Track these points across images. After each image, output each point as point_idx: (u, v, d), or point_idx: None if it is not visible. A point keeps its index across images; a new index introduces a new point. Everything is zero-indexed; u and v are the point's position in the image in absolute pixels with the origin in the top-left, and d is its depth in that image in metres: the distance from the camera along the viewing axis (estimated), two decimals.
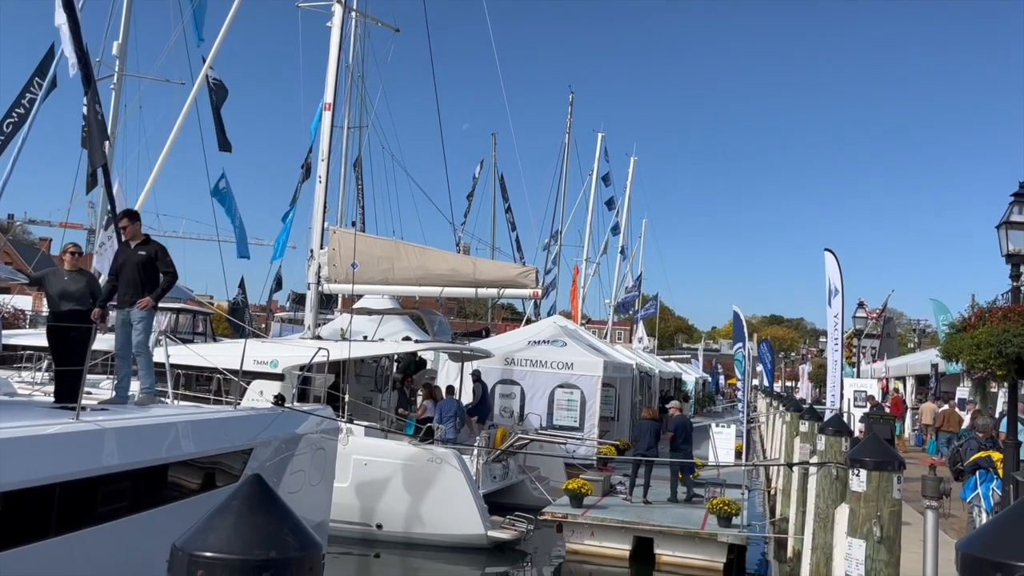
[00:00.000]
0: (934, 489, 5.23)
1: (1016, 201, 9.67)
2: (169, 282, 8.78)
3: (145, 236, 8.94)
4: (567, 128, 38.89)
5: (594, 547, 13.44)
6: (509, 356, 20.75)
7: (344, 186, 27.83)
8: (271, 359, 14.23)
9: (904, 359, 41.61)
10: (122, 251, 8.86)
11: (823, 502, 8.89)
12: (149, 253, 8.65)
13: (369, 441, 13.86)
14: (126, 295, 8.56)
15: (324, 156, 16.95)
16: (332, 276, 16.82)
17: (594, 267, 42.09)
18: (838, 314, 21.75)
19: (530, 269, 17.88)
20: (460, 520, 13.37)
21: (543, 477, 16.93)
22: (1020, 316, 8.69)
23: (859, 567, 5.95)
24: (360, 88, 23.50)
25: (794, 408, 19.49)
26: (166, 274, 8.71)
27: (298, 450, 9.08)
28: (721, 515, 13.02)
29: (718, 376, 73.31)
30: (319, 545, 2.21)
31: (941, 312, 30.13)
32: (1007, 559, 1.97)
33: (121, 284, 8.62)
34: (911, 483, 7.31)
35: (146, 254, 8.63)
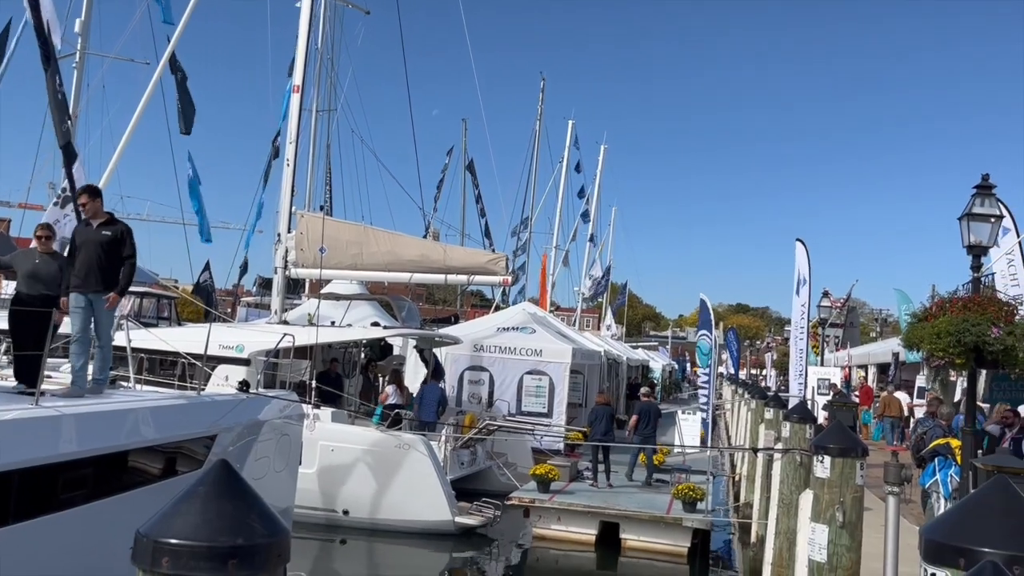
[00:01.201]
0: (896, 475, 5.33)
1: (978, 194, 9.83)
2: (131, 271, 8.10)
3: (108, 215, 8.23)
4: (538, 115, 38.87)
5: (561, 532, 13.53)
6: (478, 343, 20.74)
7: (313, 170, 27.55)
8: (237, 344, 14.07)
9: (866, 348, 42.31)
10: (82, 230, 8.14)
11: (787, 488, 9.02)
12: (114, 234, 7.95)
13: (336, 427, 13.79)
14: (87, 278, 7.86)
15: (292, 139, 16.74)
16: (300, 260, 16.66)
17: (563, 254, 42.20)
18: (805, 303, 22.07)
19: (500, 256, 17.86)
20: (427, 506, 13.37)
21: (511, 463, 16.97)
22: (979, 306, 8.86)
23: (822, 551, 6.05)
24: (330, 71, 23.24)
25: (759, 396, 19.74)
26: (128, 258, 8.04)
27: (262, 436, 9.00)
28: (686, 500, 13.17)
29: (685, 363, 74.00)
30: (286, 531, 2.18)
31: (904, 302, 30.63)
32: (970, 544, 2.01)
33: (80, 266, 7.89)
34: (872, 469, 7.43)
35: (111, 235, 7.93)
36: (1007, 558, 1.92)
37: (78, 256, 7.94)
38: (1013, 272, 15.29)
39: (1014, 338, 8.55)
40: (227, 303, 35.69)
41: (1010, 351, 8.57)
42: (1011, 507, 2.10)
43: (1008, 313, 8.87)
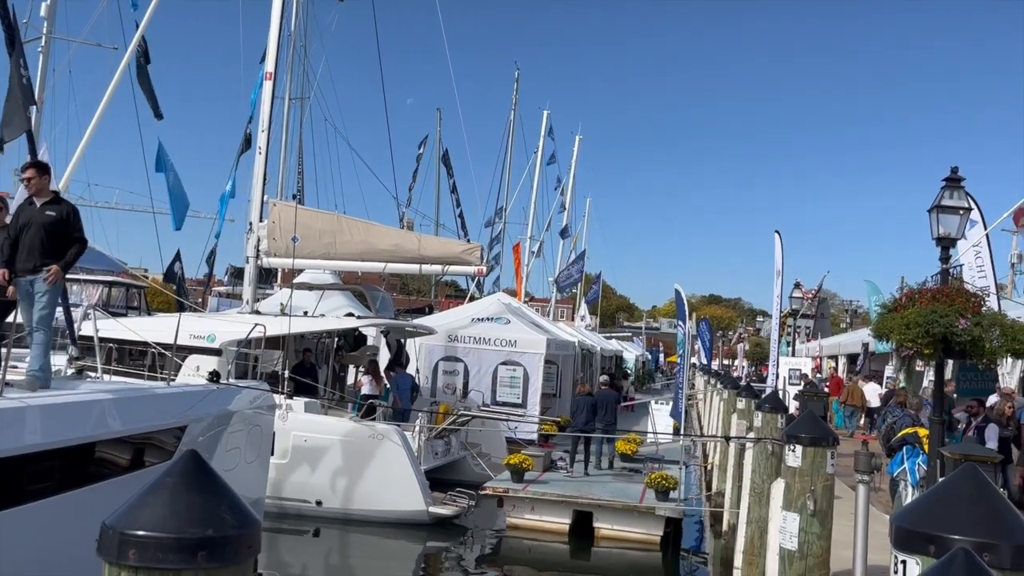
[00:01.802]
0: (866, 464, 5.39)
1: (947, 186, 9.95)
2: (79, 250, 7.55)
3: (54, 193, 7.69)
4: (513, 105, 38.78)
5: (534, 521, 13.57)
6: (452, 333, 20.70)
7: (285, 158, 27.30)
8: (208, 333, 13.92)
9: (837, 338, 42.85)
10: (25, 209, 7.52)
11: (759, 477, 9.09)
12: (59, 214, 7.40)
13: (308, 417, 13.70)
14: (29, 261, 7.33)
15: (264, 127, 16.55)
16: (272, 250, 16.49)
17: (538, 245, 42.19)
18: (778, 294, 22.30)
19: (475, 246, 17.80)
20: (401, 496, 13.35)
21: (485, 453, 16.99)
22: (948, 297, 8.97)
23: (792, 540, 6.12)
24: (303, 59, 22.99)
25: (731, 386, 19.89)
26: (77, 241, 7.50)
27: (233, 427, 8.91)
28: (659, 489, 13.26)
29: (658, 354, 74.45)
30: (257, 522, 2.15)
31: (874, 293, 31.06)
32: (940, 532, 2.03)
33: (22, 248, 7.34)
34: (842, 459, 7.51)
35: (55, 215, 7.37)
36: (977, 544, 1.94)
37: (22, 238, 7.40)
38: (980, 264, 15.54)
39: (981, 329, 8.67)
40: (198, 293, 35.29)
41: (977, 342, 8.69)
42: (980, 494, 2.12)
43: (975, 304, 8.99)
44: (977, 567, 1.40)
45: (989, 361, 9.76)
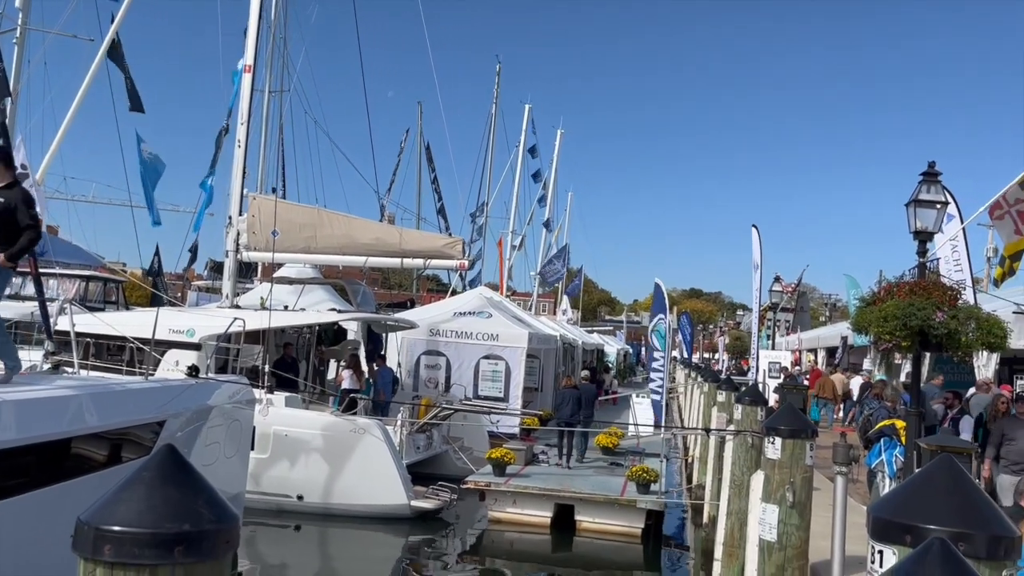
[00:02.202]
0: (844, 456, 5.44)
1: (924, 180, 10.03)
2: (31, 238, 7.26)
3: (11, 179, 7.40)
4: (494, 98, 38.65)
5: (516, 515, 13.59)
6: (434, 327, 20.66)
7: (265, 152, 27.10)
8: (187, 328, 13.82)
9: (816, 332, 43.17)
10: None
11: (738, 469, 9.16)
12: (9, 201, 7.15)
13: (289, 412, 13.63)
14: None
15: (243, 120, 16.40)
16: (252, 244, 16.37)
17: (520, 239, 42.18)
18: (757, 288, 22.43)
19: (456, 240, 17.77)
20: (383, 490, 13.32)
21: (467, 447, 16.99)
22: (925, 291, 9.06)
23: (772, 531, 6.16)
24: (282, 51, 22.81)
25: (712, 379, 20.00)
26: (28, 228, 7.19)
27: (212, 421, 8.85)
28: (640, 482, 13.31)
29: (640, 348, 74.71)
30: (235, 517, 2.13)
31: (853, 287, 31.31)
32: (916, 522, 2.05)
33: None
34: (820, 450, 7.58)
35: (5, 201, 7.14)
36: (953, 534, 1.96)
37: None
38: (957, 258, 15.69)
39: (957, 322, 8.77)
40: (177, 287, 35.02)
41: (953, 335, 8.79)
42: (956, 485, 2.14)
43: (952, 297, 9.09)
44: (952, 556, 1.41)
45: (965, 354, 9.88)
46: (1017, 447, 10.11)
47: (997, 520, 2.10)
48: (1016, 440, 10.15)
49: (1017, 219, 13.22)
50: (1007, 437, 10.26)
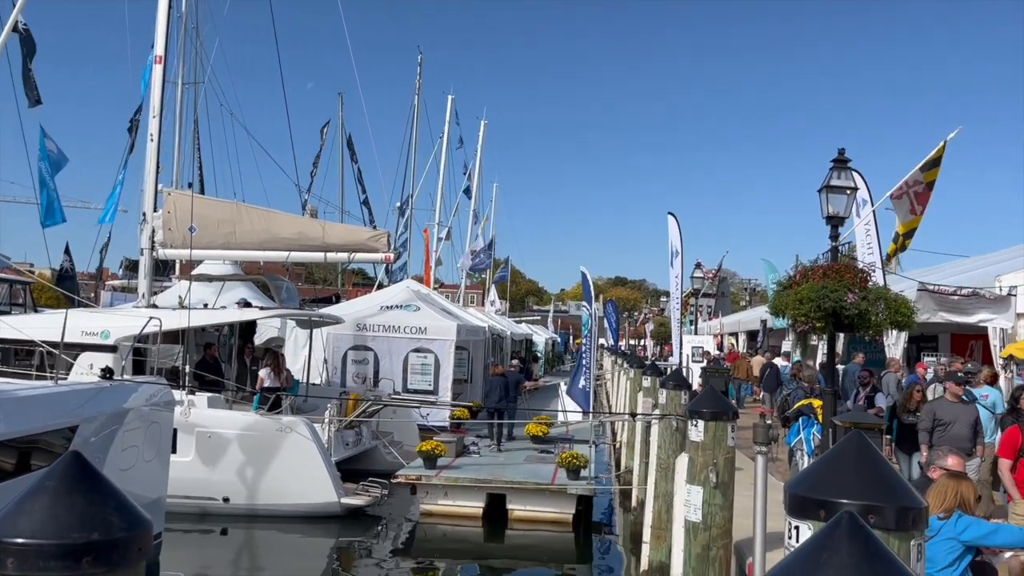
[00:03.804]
0: (763, 435, 5.58)
1: (835, 167, 10.37)
2: None
3: None
4: (416, 90, 38.27)
5: (448, 507, 13.57)
6: (361, 322, 20.41)
7: (180, 145, 26.27)
8: (102, 329, 13.31)
9: (737, 316, 44.33)
10: None
11: (664, 452, 9.34)
12: None
13: (212, 412, 13.29)
14: None
15: (155, 112, 15.83)
16: (167, 241, 15.85)
17: (446, 231, 41.96)
18: (679, 275, 22.86)
19: (381, 233, 17.54)
20: (311, 489, 13.12)
21: (397, 441, 16.86)
22: (837, 273, 9.38)
23: (697, 512, 6.30)
24: (194, 41, 22.11)
25: (637, 365, 20.32)
26: None
27: (129, 425, 8.55)
28: (570, 468, 13.45)
29: (567, 336, 75.49)
30: (148, 523, 2.05)
31: (771, 271, 32.21)
32: (829, 497, 2.11)
33: None
34: (742, 431, 7.78)
35: None
36: (863, 507, 2.03)
37: None
38: (869, 242, 16.33)
39: (867, 303, 9.11)
40: (90, 287, 33.69)
41: (864, 315, 9.12)
42: (865, 460, 2.22)
43: (862, 279, 9.43)
44: (860, 529, 1.45)
45: (875, 333, 10.27)
46: (951, 433, 9.46)
47: (905, 492, 2.18)
48: (949, 425, 9.54)
49: (913, 199, 13.84)
50: (939, 421, 9.60)
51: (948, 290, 14.01)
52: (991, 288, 13.84)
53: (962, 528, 5.07)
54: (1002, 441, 7.80)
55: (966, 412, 9.69)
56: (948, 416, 9.57)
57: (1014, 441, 7.50)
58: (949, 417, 9.56)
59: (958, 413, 9.60)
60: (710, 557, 6.25)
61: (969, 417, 9.62)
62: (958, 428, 9.47)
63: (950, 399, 9.84)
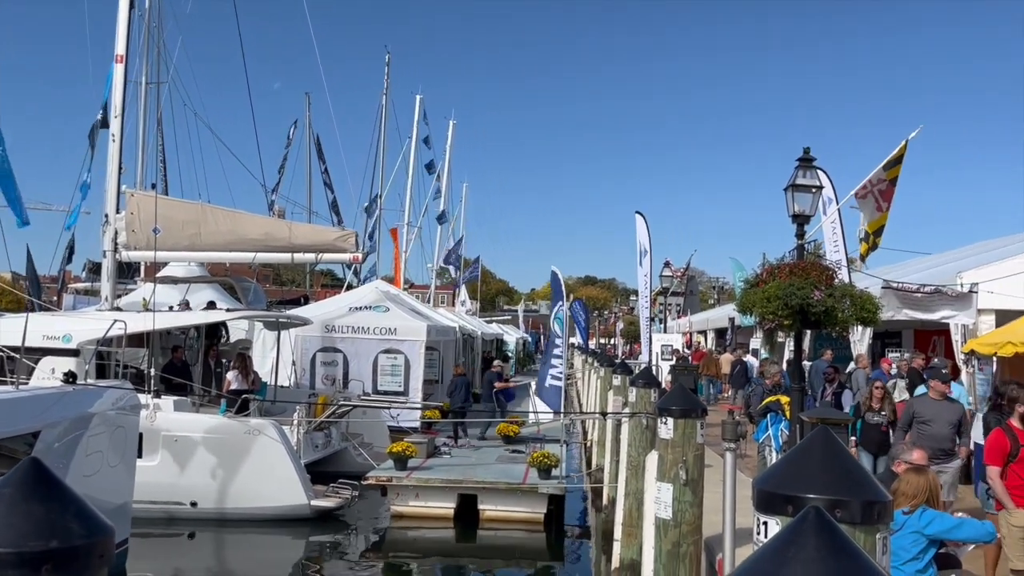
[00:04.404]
0: (732, 432, 5.63)
1: (800, 166, 10.48)
2: None
3: None
4: (384, 90, 38.09)
5: (419, 508, 13.52)
6: (329, 323, 20.26)
7: (144, 146, 25.89)
8: (64, 333, 13.08)
9: (705, 314, 44.72)
10: None
11: (634, 450, 9.37)
12: None
13: (179, 415, 13.11)
14: None
15: (117, 112, 15.59)
16: (131, 243, 15.61)
17: (415, 231, 41.83)
18: (648, 273, 22.98)
19: (349, 233, 17.44)
20: (281, 491, 13.00)
21: (367, 443, 16.76)
22: (804, 271, 9.48)
23: (667, 509, 6.33)
24: (157, 40, 21.80)
25: (607, 364, 20.40)
26: None
27: (93, 429, 8.40)
28: (541, 468, 13.47)
29: (538, 336, 75.53)
30: (109, 529, 2.01)
31: (738, 269, 32.49)
32: (796, 492, 2.12)
33: None
34: (711, 428, 7.83)
35: None
36: (829, 502, 2.04)
37: None
38: (835, 240, 16.54)
39: (834, 300, 9.22)
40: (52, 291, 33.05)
41: (831, 312, 9.22)
42: (831, 455, 2.23)
43: (828, 277, 9.54)
44: (826, 523, 1.46)
45: (842, 329, 10.40)
46: (932, 431, 9.07)
47: (870, 486, 2.20)
48: (930, 423, 9.11)
49: (879, 197, 14.04)
50: (919, 419, 9.21)
51: (912, 287, 14.23)
52: (953, 286, 14.09)
53: (926, 522, 5.15)
54: (987, 447, 7.15)
55: (949, 411, 9.27)
56: (929, 414, 9.18)
57: (1000, 445, 6.92)
58: (930, 415, 9.17)
59: (940, 411, 9.19)
60: (680, 554, 6.28)
61: (952, 416, 9.22)
62: (938, 427, 9.08)
63: (934, 396, 9.45)
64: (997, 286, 13.56)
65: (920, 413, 9.19)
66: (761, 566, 1.42)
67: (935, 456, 8.56)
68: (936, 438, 8.91)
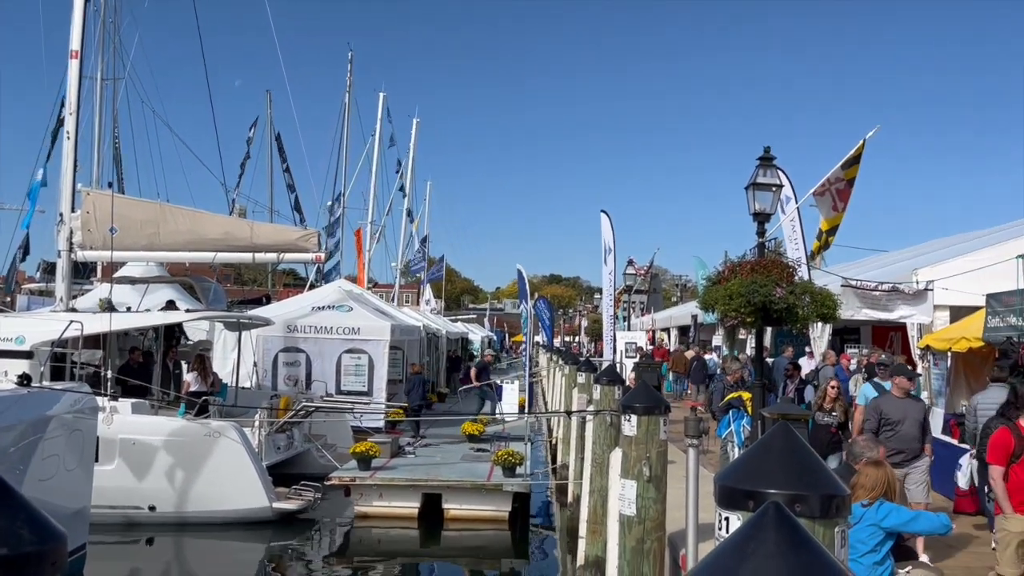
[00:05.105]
0: (694, 428, 5.66)
1: (761, 165, 10.61)
2: None
3: None
4: (347, 87, 37.78)
5: (383, 508, 13.44)
6: (292, 323, 20.05)
7: (100, 144, 25.39)
8: (17, 335, 12.77)
9: (668, 312, 45.08)
10: None
11: (599, 447, 9.41)
12: None
13: (137, 418, 12.87)
14: None
15: (72, 110, 15.25)
16: (87, 242, 15.29)
17: (379, 230, 41.55)
18: (612, 271, 23.11)
19: (312, 232, 17.27)
20: (242, 494, 12.83)
21: (330, 444, 16.62)
22: (765, 269, 9.59)
23: (631, 506, 6.36)
24: (113, 35, 21.38)
25: (572, 362, 20.47)
26: None
27: (50, 433, 8.22)
28: (506, 466, 13.47)
29: (503, 335, 75.58)
30: (62, 536, 1.95)
31: (701, 267, 32.79)
32: (756, 487, 2.14)
33: None
34: (675, 424, 7.89)
35: None
36: (788, 497, 2.06)
37: None
38: (795, 237, 16.77)
39: (794, 297, 9.34)
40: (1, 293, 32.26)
41: (792, 309, 9.35)
42: (791, 450, 2.25)
43: (789, 274, 9.67)
44: (786, 518, 1.47)
45: (802, 326, 10.54)
46: (900, 432, 8.51)
47: (828, 481, 2.23)
48: (899, 423, 8.54)
49: (836, 196, 14.27)
50: (887, 420, 8.59)
51: (870, 285, 14.48)
52: (909, 283, 14.37)
53: (883, 515, 5.24)
54: (992, 445, 6.59)
55: (915, 409, 8.77)
56: (896, 414, 8.56)
57: (1006, 444, 6.42)
58: (898, 415, 8.55)
59: (907, 410, 8.63)
60: (644, 550, 6.31)
61: (919, 414, 8.73)
62: (907, 427, 8.53)
63: (897, 395, 8.85)
64: (951, 283, 13.86)
65: (888, 414, 8.59)
66: (722, 561, 1.43)
67: (905, 458, 8.37)
68: (906, 439, 8.51)
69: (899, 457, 8.30)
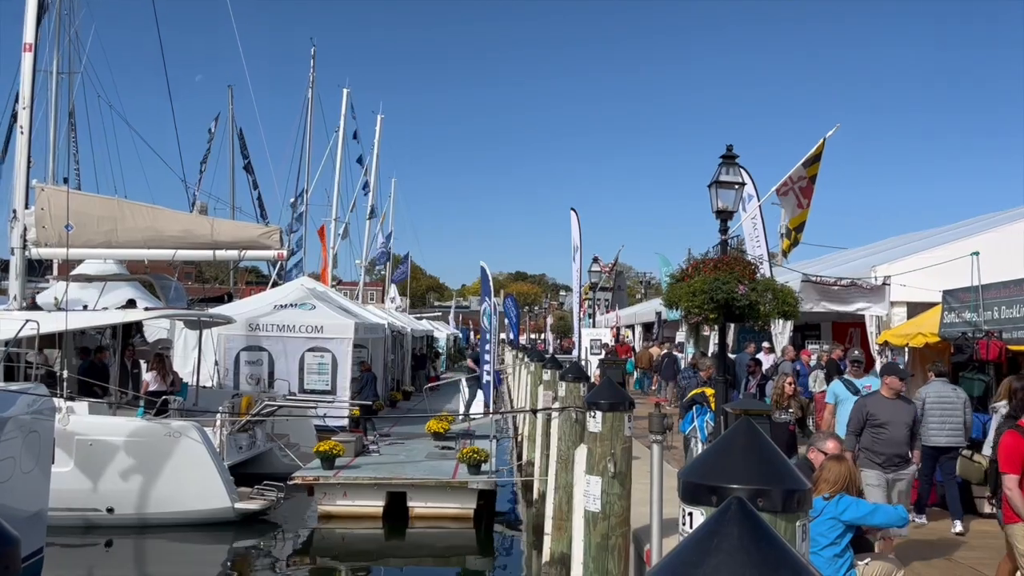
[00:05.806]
0: (659, 425, 5.70)
1: (723, 163, 10.72)
2: None
3: None
4: (310, 83, 37.40)
5: (347, 507, 13.34)
6: (254, 322, 19.81)
7: (55, 139, 24.81)
8: None
9: (633, 309, 45.39)
10: None
11: (564, 444, 9.42)
12: None
13: (94, 419, 12.63)
14: None
15: (26, 104, 14.90)
16: (41, 239, 14.96)
17: (343, 227, 41.19)
18: (578, 269, 23.22)
19: (273, 229, 17.09)
20: (203, 495, 12.65)
21: (293, 443, 16.46)
22: (727, 266, 9.70)
23: (596, 502, 6.38)
24: (69, 28, 20.91)
25: (537, 359, 20.50)
26: None
27: (5, 434, 8.03)
28: (471, 463, 13.45)
29: (468, 332, 75.44)
30: (14, 539, 1.90)
31: (665, 264, 33.08)
32: (719, 482, 2.15)
33: None
34: (639, 420, 7.93)
35: None
36: (751, 491, 2.07)
37: None
38: (757, 235, 16.96)
39: (756, 294, 9.45)
40: None
41: (754, 306, 9.46)
42: (753, 445, 2.27)
43: (751, 271, 9.78)
44: (748, 513, 1.47)
45: (764, 323, 10.67)
46: (889, 435, 7.92)
47: (790, 475, 2.25)
48: (887, 426, 7.93)
49: (799, 194, 14.45)
50: (874, 421, 8.00)
51: (829, 280, 14.69)
52: (868, 279, 14.61)
53: (843, 508, 5.33)
54: (1002, 451, 6.00)
55: (905, 411, 8.13)
56: (885, 415, 7.95)
57: (1020, 450, 5.85)
58: (886, 416, 7.94)
59: (896, 412, 8.01)
60: (609, 546, 6.34)
61: (908, 417, 8.09)
62: (895, 430, 7.93)
63: (887, 395, 8.17)
64: (908, 279, 14.11)
65: (874, 415, 7.99)
66: (686, 556, 1.43)
67: (892, 463, 7.89)
68: (893, 443, 7.91)
69: (889, 462, 7.86)
